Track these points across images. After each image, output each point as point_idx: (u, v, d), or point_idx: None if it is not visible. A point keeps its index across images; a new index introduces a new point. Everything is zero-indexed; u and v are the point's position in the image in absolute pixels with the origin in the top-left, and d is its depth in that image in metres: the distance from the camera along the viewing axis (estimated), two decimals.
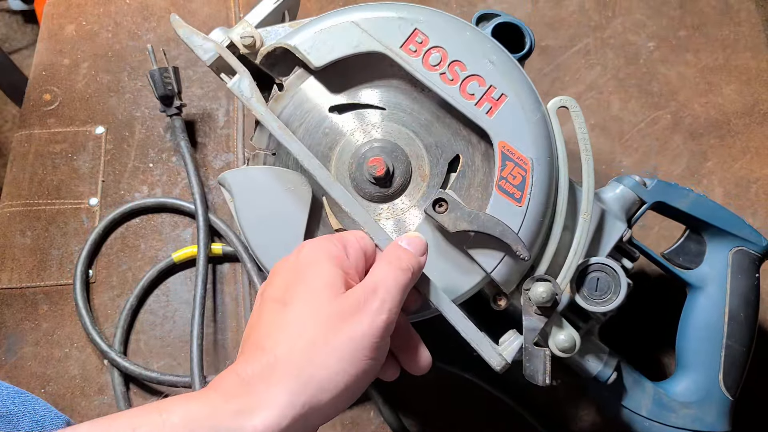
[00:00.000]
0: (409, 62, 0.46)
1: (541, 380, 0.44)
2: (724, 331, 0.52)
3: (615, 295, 0.48)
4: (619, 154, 0.70)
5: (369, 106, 0.49)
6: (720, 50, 0.74)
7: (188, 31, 0.49)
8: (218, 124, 0.73)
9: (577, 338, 0.46)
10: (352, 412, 0.61)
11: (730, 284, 0.52)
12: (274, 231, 0.48)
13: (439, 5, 0.78)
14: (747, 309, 0.52)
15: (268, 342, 0.37)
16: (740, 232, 0.53)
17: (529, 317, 0.46)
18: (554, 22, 0.77)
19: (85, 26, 0.79)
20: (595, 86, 0.73)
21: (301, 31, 0.48)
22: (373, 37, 0.47)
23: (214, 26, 0.77)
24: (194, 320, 0.60)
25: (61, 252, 0.67)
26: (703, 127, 0.71)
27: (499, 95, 0.46)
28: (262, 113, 0.47)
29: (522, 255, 0.44)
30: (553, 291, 0.45)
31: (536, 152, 0.46)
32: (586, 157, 0.48)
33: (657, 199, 0.53)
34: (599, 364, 0.51)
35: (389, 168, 0.48)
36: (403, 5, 0.48)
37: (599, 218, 0.50)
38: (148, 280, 0.65)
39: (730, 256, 0.53)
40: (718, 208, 0.53)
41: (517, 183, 0.45)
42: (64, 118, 0.73)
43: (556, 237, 0.47)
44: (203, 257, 0.63)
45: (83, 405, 0.61)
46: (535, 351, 0.45)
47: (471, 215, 0.45)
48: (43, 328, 0.64)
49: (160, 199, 0.68)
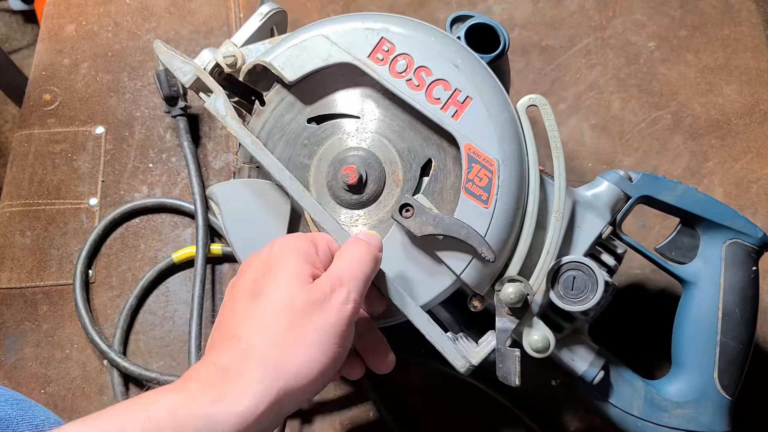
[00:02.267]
0: (377, 71, 0.48)
1: (513, 381, 0.45)
2: (718, 328, 0.50)
3: (592, 293, 0.47)
4: (620, 153, 0.70)
5: (344, 116, 0.51)
6: (720, 50, 0.74)
7: (169, 56, 0.51)
8: (218, 124, 0.73)
9: (552, 338, 0.46)
10: (351, 412, 0.61)
11: (724, 278, 0.50)
12: (257, 240, 0.49)
13: (440, 5, 0.78)
14: (743, 304, 0.50)
15: (242, 331, 0.38)
16: (733, 224, 0.51)
17: (501, 318, 0.46)
18: (554, 22, 0.77)
19: (85, 26, 0.79)
20: (595, 86, 0.73)
21: (277, 48, 0.50)
22: (342, 49, 0.48)
23: (214, 26, 0.78)
24: (192, 320, 0.60)
25: (61, 252, 0.67)
26: (703, 127, 0.71)
27: (464, 98, 0.46)
28: (236, 129, 0.49)
29: (487, 257, 0.44)
30: (523, 292, 0.45)
31: (503, 153, 0.46)
32: (557, 154, 0.47)
33: (643, 194, 0.51)
34: (585, 363, 0.50)
35: (362, 175, 0.49)
36: (371, 15, 0.49)
37: (576, 216, 0.49)
38: (148, 280, 0.65)
39: (724, 249, 0.51)
40: (709, 200, 0.51)
41: (484, 185, 0.45)
42: (64, 118, 0.73)
43: (526, 237, 0.47)
44: (202, 257, 0.63)
45: (83, 406, 0.61)
46: (507, 352, 0.45)
47: (436, 219, 0.45)
48: (44, 329, 0.64)
49: (159, 200, 0.68)
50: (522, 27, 0.76)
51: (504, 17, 0.77)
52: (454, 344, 0.46)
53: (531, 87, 0.73)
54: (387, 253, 0.46)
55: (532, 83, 0.74)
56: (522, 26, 0.76)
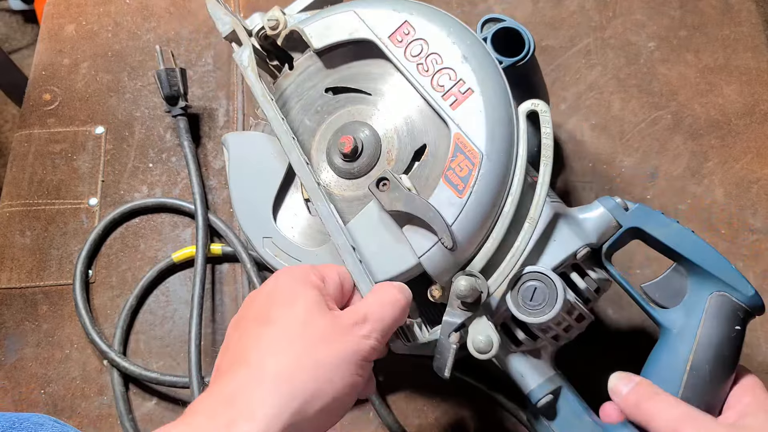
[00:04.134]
0: (393, 51, 0.50)
1: (444, 373, 0.45)
2: (681, 382, 0.45)
3: (549, 308, 0.45)
4: (620, 154, 0.70)
5: (359, 91, 0.53)
6: (720, 50, 0.74)
7: (214, 5, 0.56)
8: (218, 124, 0.73)
9: (495, 341, 0.44)
10: (352, 413, 0.61)
11: (700, 331, 0.46)
12: (252, 189, 0.53)
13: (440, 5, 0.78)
14: (715, 362, 0.45)
15: (253, 356, 0.37)
16: (724, 275, 0.46)
17: (452, 310, 0.45)
18: (554, 22, 0.77)
19: (85, 26, 0.79)
20: (595, 86, 0.73)
21: (313, 18, 0.53)
22: (367, 26, 0.51)
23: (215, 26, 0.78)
24: (192, 320, 0.60)
25: (61, 252, 0.67)
26: (703, 127, 0.71)
27: (466, 90, 0.47)
28: (252, 80, 0.52)
29: (445, 243, 0.44)
30: (475, 287, 0.44)
31: (489, 149, 0.46)
32: (546, 163, 0.47)
33: (634, 225, 0.48)
34: (534, 382, 0.48)
35: (357, 147, 0.51)
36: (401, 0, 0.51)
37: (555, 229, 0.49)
38: (148, 280, 0.64)
39: (709, 301, 0.46)
40: (703, 246, 0.47)
41: (463, 175, 0.46)
42: (64, 118, 0.73)
43: (496, 235, 0.46)
44: (201, 257, 0.63)
45: (83, 406, 0.61)
46: (447, 344, 0.45)
47: (407, 197, 0.46)
48: (44, 329, 0.64)
49: (159, 199, 0.68)
50: None
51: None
52: (400, 328, 0.47)
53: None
54: (362, 224, 0.48)
55: None
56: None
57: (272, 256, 0.52)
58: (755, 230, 0.65)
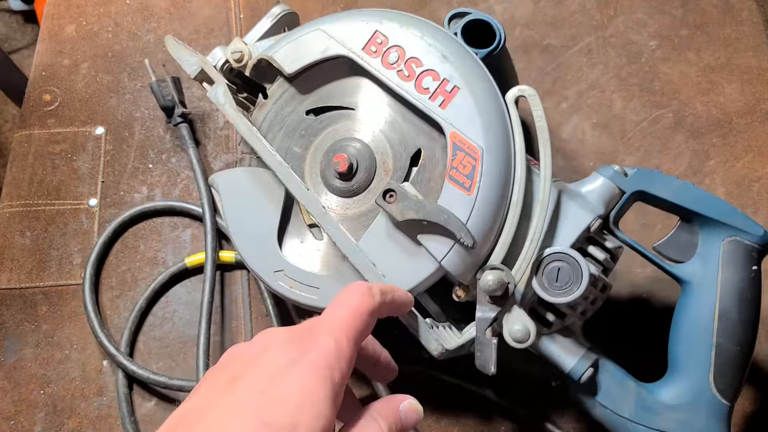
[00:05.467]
0: (370, 62, 0.49)
1: (489, 370, 0.45)
2: (714, 329, 0.47)
3: (576, 285, 0.45)
4: (621, 152, 0.69)
5: (341, 108, 0.53)
6: (722, 49, 0.74)
7: (177, 49, 0.55)
8: (218, 125, 0.73)
9: (532, 329, 0.45)
10: None
11: (721, 278, 0.48)
12: (252, 225, 0.52)
13: (440, 4, 0.78)
14: (741, 305, 0.48)
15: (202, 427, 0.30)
16: (732, 221, 0.48)
17: (482, 306, 0.45)
18: (556, 21, 0.76)
19: (85, 26, 0.79)
20: (596, 85, 0.73)
21: (279, 43, 0.52)
22: (338, 42, 0.50)
23: (214, 27, 0.78)
24: (201, 326, 0.60)
25: (61, 252, 0.67)
26: (704, 126, 0.70)
27: (452, 88, 0.47)
28: (233, 117, 0.52)
29: (465, 242, 0.44)
30: (503, 280, 0.44)
31: (487, 141, 0.46)
32: (544, 144, 0.47)
33: (637, 188, 0.49)
34: (573, 359, 0.49)
35: (352, 164, 0.50)
36: (367, 11, 0.51)
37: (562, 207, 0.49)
38: (159, 283, 0.64)
39: (722, 247, 0.48)
40: (706, 196, 0.49)
41: (467, 172, 0.46)
42: (64, 119, 0.73)
43: (510, 226, 0.46)
44: (211, 263, 0.62)
45: (83, 407, 0.61)
46: (485, 340, 0.45)
47: (417, 204, 0.46)
48: (43, 329, 0.64)
49: (169, 202, 0.68)
50: (523, 26, 0.76)
51: (505, 16, 0.77)
52: (430, 329, 0.47)
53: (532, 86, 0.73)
54: (372, 240, 0.48)
55: (533, 82, 0.73)
56: (523, 25, 0.76)
57: (288, 289, 0.51)
58: None
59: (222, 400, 0.31)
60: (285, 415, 0.30)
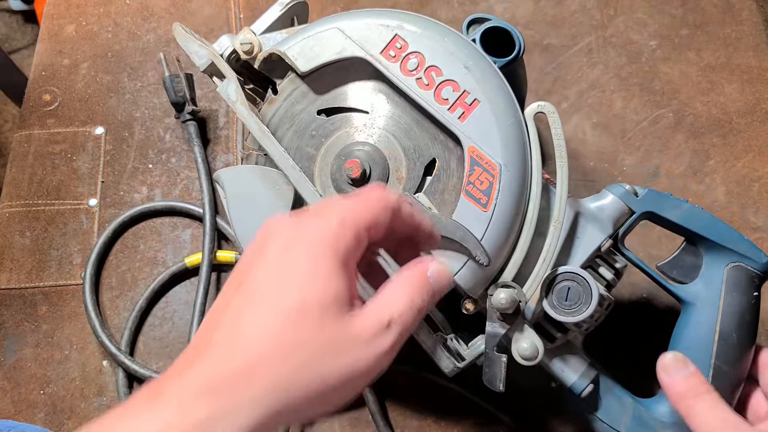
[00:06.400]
0: (388, 67, 0.47)
1: (497, 386, 0.45)
2: (713, 352, 0.48)
3: (585, 305, 0.45)
4: (622, 152, 0.69)
5: (354, 110, 0.51)
6: (722, 49, 0.74)
7: (186, 39, 0.52)
8: (218, 125, 0.73)
9: (540, 347, 0.45)
10: (351, 413, 0.60)
11: (723, 302, 0.49)
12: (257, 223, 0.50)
13: (441, 4, 0.78)
14: (740, 329, 0.48)
15: (241, 351, 0.30)
16: (737, 247, 0.49)
17: (492, 323, 0.45)
18: (556, 21, 0.76)
19: (85, 26, 0.78)
20: (597, 85, 0.73)
21: (293, 38, 0.50)
22: (356, 43, 0.48)
23: (214, 27, 0.78)
24: (192, 328, 0.60)
25: (61, 253, 0.67)
26: (705, 125, 0.70)
27: (472, 100, 0.46)
28: (245, 115, 0.49)
29: (481, 260, 0.44)
30: (515, 298, 0.44)
31: (505, 158, 0.45)
32: (561, 164, 0.47)
33: (646, 209, 0.50)
34: (575, 374, 0.49)
35: (365, 170, 0.49)
36: (387, 12, 0.49)
37: (577, 227, 0.49)
38: (159, 283, 0.64)
39: (726, 272, 0.49)
40: (714, 221, 0.50)
41: (484, 188, 0.45)
42: (63, 119, 0.73)
43: (523, 244, 0.46)
44: (207, 263, 0.62)
45: (82, 407, 0.61)
46: (494, 357, 0.45)
47: (434, 218, 0.45)
48: (43, 329, 0.64)
49: (170, 203, 0.68)
50: (524, 26, 0.76)
51: (506, 16, 0.77)
52: (442, 346, 0.46)
53: (533, 86, 0.73)
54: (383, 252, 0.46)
55: (534, 82, 0.73)
56: (524, 25, 0.76)
57: None
58: (757, 228, 0.65)
59: (233, 302, 0.32)
60: (292, 298, 0.31)
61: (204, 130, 0.72)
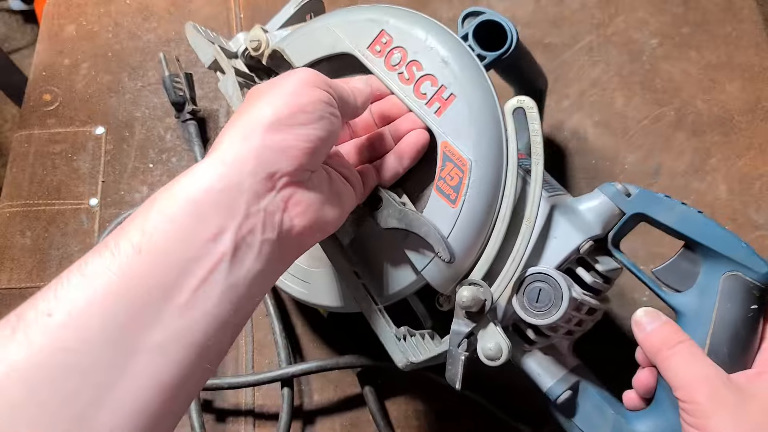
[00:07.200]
0: (373, 62, 0.48)
1: (455, 384, 0.44)
2: None
3: (555, 308, 0.43)
4: (623, 150, 0.69)
5: None
6: (723, 47, 0.74)
7: (195, 37, 0.54)
8: (218, 125, 0.73)
9: (505, 348, 0.44)
10: (352, 413, 0.60)
11: (716, 313, 0.44)
12: None
13: (442, 3, 0.78)
14: (733, 344, 0.44)
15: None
16: (735, 254, 0.45)
17: (458, 320, 0.44)
18: (557, 20, 0.76)
19: (85, 26, 0.78)
20: (598, 83, 0.73)
21: (292, 35, 0.52)
22: (344, 39, 0.49)
23: (215, 27, 0.78)
24: None
25: (61, 252, 0.67)
26: (706, 123, 0.70)
27: (448, 95, 0.45)
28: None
29: (442, 256, 0.43)
30: (478, 297, 0.43)
31: (477, 154, 0.44)
32: (537, 160, 0.45)
33: (637, 211, 0.47)
34: (551, 380, 0.48)
35: None
36: (375, 7, 0.49)
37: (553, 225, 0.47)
38: None
39: (722, 281, 0.45)
40: (710, 226, 0.45)
41: (454, 184, 0.44)
42: (64, 119, 0.73)
43: (494, 241, 0.45)
44: None
45: None
46: (456, 354, 0.44)
47: (401, 214, 0.45)
48: None
49: None
50: (524, 25, 0.76)
51: (506, 15, 0.77)
52: (398, 340, 0.46)
53: None
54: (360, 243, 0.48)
55: None
56: (524, 24, 0.76)
57: (280, 279, 0.52)
58: (759, 226, 0.65)
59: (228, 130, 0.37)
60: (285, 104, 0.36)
61: (204, 129, 0.72)
